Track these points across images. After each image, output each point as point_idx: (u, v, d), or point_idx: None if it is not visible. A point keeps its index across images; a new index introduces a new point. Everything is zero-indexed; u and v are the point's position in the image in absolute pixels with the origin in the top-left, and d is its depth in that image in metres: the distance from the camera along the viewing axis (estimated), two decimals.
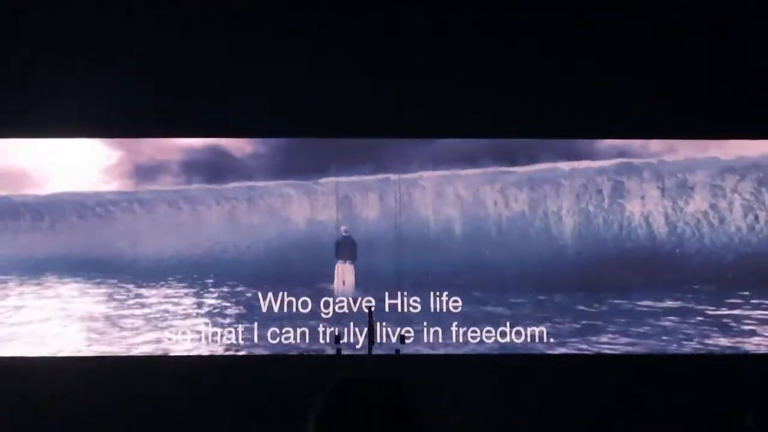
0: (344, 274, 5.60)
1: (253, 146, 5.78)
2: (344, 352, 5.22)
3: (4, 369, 5.10)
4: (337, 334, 5.30)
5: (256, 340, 5.43)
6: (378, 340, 4.93)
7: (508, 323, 5.45)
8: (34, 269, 5.60)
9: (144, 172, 5.73)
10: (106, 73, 5.43)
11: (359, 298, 5.49)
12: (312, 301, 5.51)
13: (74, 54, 5.42)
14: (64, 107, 5.38)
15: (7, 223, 5.69)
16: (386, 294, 5.49)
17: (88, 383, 4.85)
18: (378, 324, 5.06)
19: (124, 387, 4.83)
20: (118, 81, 5.42)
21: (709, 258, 5.63)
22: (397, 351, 5.18)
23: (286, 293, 5.53)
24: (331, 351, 5.29)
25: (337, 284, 5.58)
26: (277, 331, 5.45)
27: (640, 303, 5.50)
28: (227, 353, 5.41)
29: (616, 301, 5.51)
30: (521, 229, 5.68)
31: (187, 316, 5.49)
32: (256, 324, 5.47)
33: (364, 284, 5.56)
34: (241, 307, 5.51)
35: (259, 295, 5.53)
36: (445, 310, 5.48)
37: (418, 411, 1.35)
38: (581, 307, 5.48)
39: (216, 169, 5.74)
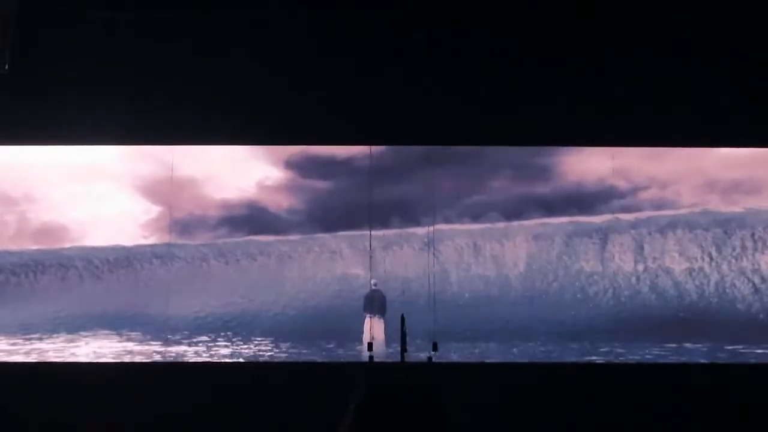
0: (374, 328, 5.56)
1: (288, 201, 5.84)
2: (376, 359, 5.22)
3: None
4: (369, 341, 5.33)
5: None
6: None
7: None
8: (69, 324, 5.65)
9: (181, 226, 5.80)
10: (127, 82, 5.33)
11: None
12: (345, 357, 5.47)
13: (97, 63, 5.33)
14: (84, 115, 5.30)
15: (43, 276, 5.78)
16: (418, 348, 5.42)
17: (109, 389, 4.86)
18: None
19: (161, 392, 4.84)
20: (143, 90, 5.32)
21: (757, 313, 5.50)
22: (430, 359, 5.16)
23: (318, 349, 5.49)
24: (363, 358, 5.29)
25: (366, 338, 5.53)
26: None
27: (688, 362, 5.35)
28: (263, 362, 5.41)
29: (658, 361, 5.38)
30: (555, 283, 5.61)
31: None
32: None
33: (394, 338, 5.49)
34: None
35: (292, 350, 5.51)
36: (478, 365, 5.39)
37: (450, 418, 1.34)
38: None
39: (251, 224, 5.80)
